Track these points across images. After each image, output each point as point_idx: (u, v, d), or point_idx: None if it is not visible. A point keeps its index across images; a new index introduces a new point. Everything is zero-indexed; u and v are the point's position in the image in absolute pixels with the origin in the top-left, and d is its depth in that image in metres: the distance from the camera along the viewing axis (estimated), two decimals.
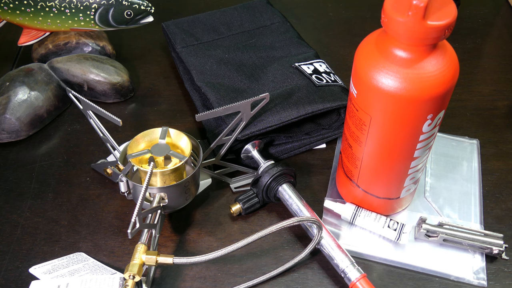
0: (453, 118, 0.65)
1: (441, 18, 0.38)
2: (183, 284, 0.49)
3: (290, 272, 0.50)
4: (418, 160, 0.47)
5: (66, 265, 0.49)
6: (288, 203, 0.52)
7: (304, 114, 0.57)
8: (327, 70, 0.64)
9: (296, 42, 0.69)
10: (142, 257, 0.44)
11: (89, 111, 0.52)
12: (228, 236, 0.53)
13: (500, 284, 0.49)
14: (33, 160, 0.60)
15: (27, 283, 0.48)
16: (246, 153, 0.56)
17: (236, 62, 0.65)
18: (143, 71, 0.72)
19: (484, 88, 0.70)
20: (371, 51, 0.42)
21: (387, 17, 0.39)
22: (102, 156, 0.60)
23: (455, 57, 0.42)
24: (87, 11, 0.64)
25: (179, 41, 0.69)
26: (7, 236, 0.53)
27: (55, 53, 0.69)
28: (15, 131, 0.60)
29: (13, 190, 0.57)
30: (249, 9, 0.74)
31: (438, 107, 0.42)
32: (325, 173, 0.59)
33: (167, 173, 0.50)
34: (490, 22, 0.82)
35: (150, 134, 0.52)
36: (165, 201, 0.50)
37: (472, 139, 0.62)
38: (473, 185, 0.57)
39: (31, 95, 0.61)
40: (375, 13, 0.82)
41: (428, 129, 0.44)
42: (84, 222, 0.54)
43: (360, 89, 0.43)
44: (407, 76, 0.40)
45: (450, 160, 0.60)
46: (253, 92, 0.61)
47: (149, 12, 0.65)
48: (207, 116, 0.50)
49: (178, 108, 0.67)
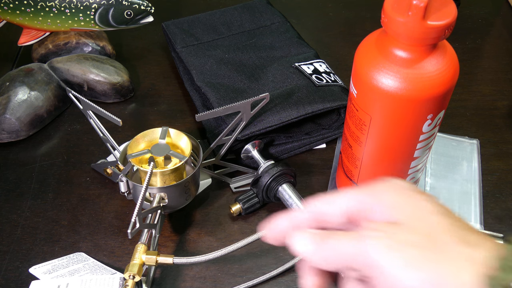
0: (453, 118, 0.65)
1: (441, 18, 0.38)
2: (183, 284, 0.49)
3: (290, 272, 0.50)
4: (418, 160, 0.47)
5: (66, 265, 0.49)
6: (288, 203, 0.52)
7: (304, 114, 0.57)
8: (327, 70, 0.64)
9: (296, 42, 0.69)
10: (142, 257, 0.44)
11: (89, 111, 0.52)
12: (228, 236, 0.53)
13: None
14: (33, 160, 0.60)
15: (27, 283, 0.48)
16: (246, 153, 0.56)
17: (236, 62, 0.65)
18: (143, 71, 0.72)
19: (484, 88, 0.70)
20: (371, 51, 0.42)
21: (387, 17, 0.39)
22: (102, 156, 0.60)
23: (455, 57, 0.42)
24: (87, 11, 0.64)
25: (179, 41, 0.69)
26: (7, 236, 0.53)
27: (55, 53, 0.69)
28: (15, 131, 0.60)
29: (13, 190, 0.57)
30: (249, 9, 0.73)
31: (438, 107, 0.42)
32: (325, 173, 0.59)
33: (167, 173, 0.50)
34: (490, 22, 0.82)
35: (150, 134, 0.52)
36: (165, 201, 0.50)
37: (472, 139, 0.62)
38: (473, 185, 0.57)
39: (31, 95, 0.61)
40: (375, 13, 0.82)
41: (428, 129, 0.44)
42: (84, 222, 0.54)
43: (360, 89, 0.43)
44: (407, 76, 0.40)
45: (450, 160, 0.60)
46: (253, 92, 0.61)
47: (149, 12, 0.65)
48: (207, 116, 0.50)
49: (178, 108, 0.67)
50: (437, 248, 0.27)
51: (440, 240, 0.27)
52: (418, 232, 0.27)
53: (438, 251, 0.27)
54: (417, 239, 0.27)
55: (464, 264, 0.26)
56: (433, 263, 0.26)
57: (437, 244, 0.27)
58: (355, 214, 0.29)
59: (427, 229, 0.27)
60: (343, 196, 0.30)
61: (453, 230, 0.28)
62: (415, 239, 0.27)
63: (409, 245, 0.27)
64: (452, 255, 0.26)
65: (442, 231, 0.27)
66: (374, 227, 0.28)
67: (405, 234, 0.27)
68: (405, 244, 0.27)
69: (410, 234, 0.27)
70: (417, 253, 0.26)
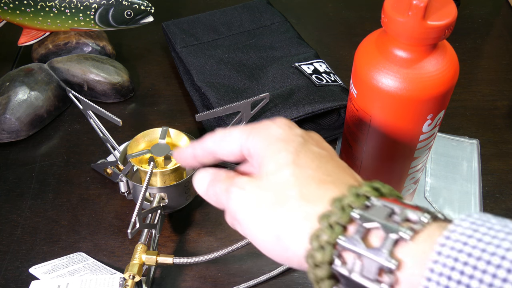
0: (453, 118, 0.65)
1: (441, 18, 0.38)
2: (183, 284, 0.49)
3: (290, 272, 0.50)
4: (418, 160, 0.47)
5: (66, 265, 0.49)
6: None
7: (304, 114, 0.57)
8: (327, 70, 0.64)
9: (296, 42, 0.69)
10: (142, 257, 0.44)
11: (89, 111, 0.52)
12: (228, 236, 0.53)
13: None
14: (33, 160, 0.60)
15: (27, 283, 0.48)
16: None
17: (236, 62, 0.65)
18: (143, 71, 0.72)
19: (484, 88, 0.70)
20: (371, 51, 0.42)
21: (387, 17, 0.39)
22: (102, 156, 0.60)
23: (455, 57, 0.42)
24: (87, 11, 0.64)
25: (179, 41, 0.69)
26: (7, 236, 0.53)
27: (55, 53, 0.69)
28: (15, 131, 0.60)
29: (13, 190, 0.57)
30: (249, 9, 0.74)
31: (438, 107, 0.42)
32: None
33: (167, 173, 0.50)
34: (490, 22, 0.82)
35: (150, 134, 0.52)
36: (165, 201, 0.50)
37: (472, 139, 0.62)
38: (473, 185, 0.57)
39: (31, 95, 0.61)
40: (375, 13, 0.82)
41: (428, 129, 0.44)
42: (84, 222, 0.54)
43: (360, 89, 0.43)
44: (407, 76, 0.40)
45: (450, 160, 0.60)
46: (253, 92, 0.61)
47: (149, 12, 0.65)
48: (207, 116, 0.50)
49: (178, 108, 0.67)
50: (281, 205, 0.30)
51: (285, 196, 0.30)
52: (270, 188, 0.30)
53: (281, 209, 0.30)
54: (268, 196, 0.30)
55: (300, 222, 0.29)
56: (276, 221, 0.30)
57: (282, 200, 0.30)
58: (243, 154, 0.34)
59: (278, 184, 0.30)
60: (234, 134, 0.34)
61: (301, 185, 0.30)
62: (266, 197, 0.30)
63: (260, 203, 0.30)
64: (291, 213, 0.29)
65: (290, 186, 0.30)
66: (240, 184, 0.32)
67: (260, 192, 0.31)
68: (257, 202, 0.31)
69: (263, 191, 0.31)
70: (265, 211, 0.30)
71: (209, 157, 0.37)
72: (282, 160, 0.31)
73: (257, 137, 0.33)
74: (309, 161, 0.31)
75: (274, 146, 0.32)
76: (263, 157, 0.32)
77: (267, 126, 0.33)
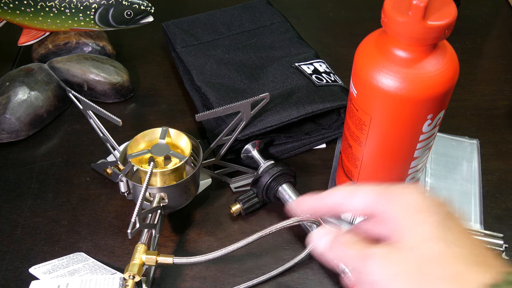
0: (453, 118, 0.65)
1: (441, 18, 0.38)
2: (183, 284, 0.49)
3: (290, 272, 0.50)
4: (418, 160, 0.47)
5: (66, 265, 0.49)
6: (288, 203, 0.52)
7: (304, 114, 0.57)
8: (327, 70, 0.64)
9: (296, 42, 0.69)
10: (142, 257, 0.44)
11: (89, 111, 0.52)
12: (228, 236, 0.53)
13: None
14: (33, 160, 0.60)
15: (27, 283, 0.48)
16: (246, 153, 0.56)
17: (236, 62, 0.65)
18: (143, 71, 0.72)
19: (484, 88, 0.70)
20: (371, 51, 0.42)
21: (387, 17, 0.39)
22: (102, 156, 0.60)
23: (455, 57, 0.42)
24: (87, 11, 0.64)
25: (179, 41, 0.69)
26: (7, 236, 0.53)
27: (55, 53, 0.69)
28: (15, 131, 0.60)
29: (13, 190, 0.57)
30: (249, 9, 0.74)
31: (438, 107, 0.42)
32: (325, 173, 0.59)
33: (167, 173, 0.50)
34: (490, 22, 0.82)
35: (150, 134, 0.52)
36: (165, 201, 0.50)
37: (472, 139, 0.62)
38: (473, 185, 0.57)
39: (31, 95, 0.61)
40: (375, 13, 0.82)
41: (428, 129, 0.44)
42: (84, 222, 0.54)
43: (360, 89, 0.43)
44: (407, 76, 0.40)
45: (450, 160, 0.60)
46: (253, 92, 0.61)
47: (149, 12, 0.65)
48: (207, 116, 0.50)
49: (178, 108, 0.67)
50: (420, 281, 0.28)
51: (425, 273, 0.28)
52: (413, 262, 0.29)
53: (421, 285, 0.28)
54: (412, 271, 0.29)
55: None
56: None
57: (422, 276, 0.28)
58: (368, 212, 0.33)
59: (419, 258, 0.29)
60: (363, 192, 0.33)
61: (442, 263, 0.28)
62: (406, 269, 0.29)
63: (407, 277, 0.29)
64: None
65: (431, 263, 0.29)
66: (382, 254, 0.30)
67: (404, 265, 0.29)
68: (404, 276, 0.29)
69: (407, 265, 0.29)
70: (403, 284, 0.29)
71: (331, 210, 0.35)
72: (426, 235, 0.30)
73: (392, 202, 0.31)
74: (454, 237, 0.29)
75: (414, 216, 0.30)
76: (402, 228, 0.30)
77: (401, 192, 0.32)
